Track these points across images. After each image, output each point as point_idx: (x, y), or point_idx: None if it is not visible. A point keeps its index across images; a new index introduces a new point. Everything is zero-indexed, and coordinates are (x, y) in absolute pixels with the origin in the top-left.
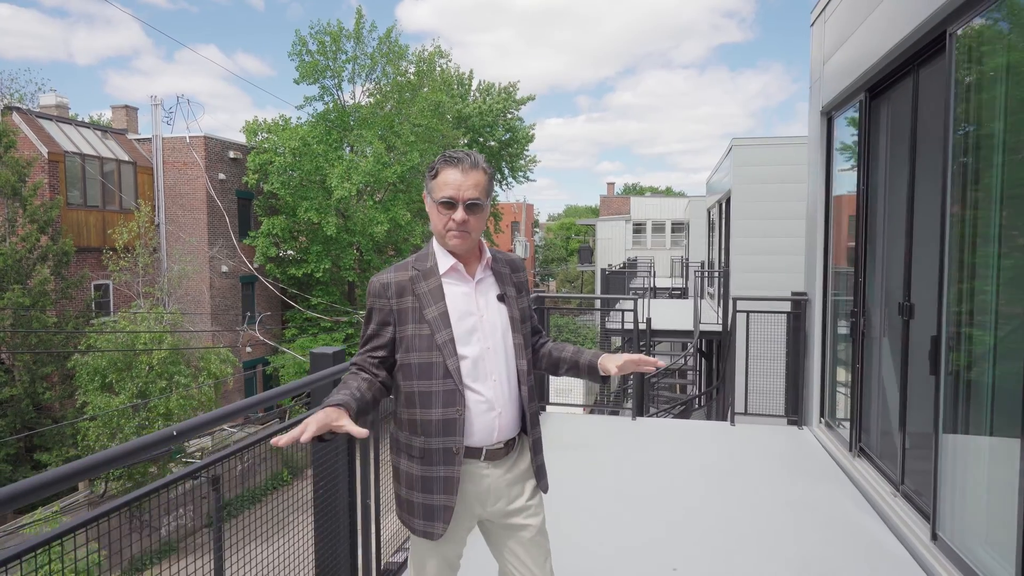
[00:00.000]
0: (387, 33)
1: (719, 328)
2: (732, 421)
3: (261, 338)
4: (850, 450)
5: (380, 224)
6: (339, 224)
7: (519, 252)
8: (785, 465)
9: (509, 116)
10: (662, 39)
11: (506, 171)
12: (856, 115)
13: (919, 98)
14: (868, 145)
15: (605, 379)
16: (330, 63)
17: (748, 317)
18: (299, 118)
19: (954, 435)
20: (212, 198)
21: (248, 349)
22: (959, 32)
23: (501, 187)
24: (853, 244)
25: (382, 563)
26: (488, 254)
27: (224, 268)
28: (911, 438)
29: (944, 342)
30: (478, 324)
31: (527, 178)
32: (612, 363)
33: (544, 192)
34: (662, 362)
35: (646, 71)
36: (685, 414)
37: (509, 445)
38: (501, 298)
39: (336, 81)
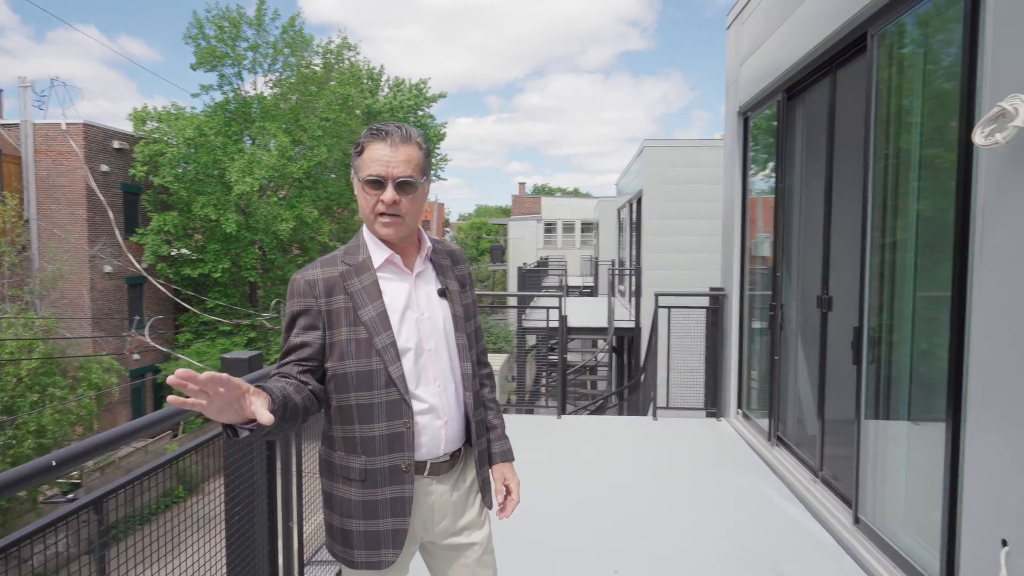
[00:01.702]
0: (291, 22)
1: (631, 324)
2: (654, 415)
3: (152, 344)
4: (768, 440)
5: (285, 221)
6: (240, 221)
7: None
8: (708, 457)
9: (420, 113)
10: (569, 43)
11: None
12: (751, 120)
13: (836, 98)
14: (785, 144)
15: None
16: (229, 50)
17: (669, 313)
18: (194, 108)
19: (875, 421)
20: (93, 191)
21: (136, 356)
22: (880, 33)
23: None
24: (754, 241)
25: None
26: (428, 243)
27: (107, 268)
28: (828, 426)
29: (866, 332)
30: (419, 323)
31: (438, 177)
32: (499, 482)
33: (454, 191)
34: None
35: (554, 74)
36: (600, 410)
37: (455, 457)
38: (443, 293)
39: (236, 70)
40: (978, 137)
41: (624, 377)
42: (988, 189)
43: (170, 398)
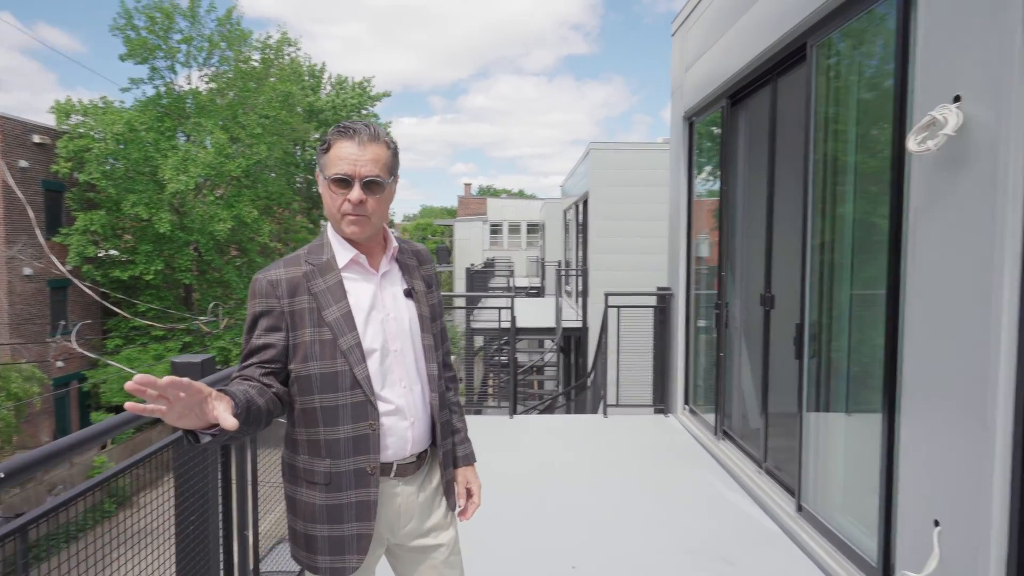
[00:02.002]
0: (227, 14)
1: (579, 324)
2: (605, 413)
3: (79, 350)
4: (715, 434)
5: (223, 221)
6: (173, 221)
7: None
8: (658, 452)
9: (364, 112)
10: (513, 45)
11: None
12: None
13: (778, 105)
14: (729, 149)
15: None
16: (162, 42)
17: (619, 312)
18: (123, 101)
19: (816, 414)
20: (10, 189)
21: (60, 364)
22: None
23: None
24: (711, 242)
25: None
26: (394, 243)
27: (27, 271)
28: (772, 419)
29: (807, 329)
30: (385, 324)
31: None
32: (462, 485)
33: (399, 192)
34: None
35: (498, 75)
36: (548, 410)
37: (421, 459)
38: (408, 293)
39: (169, 63)
40: (912, 144)
41: (572, 377)
42: (920, 193)
43: (128, 404)
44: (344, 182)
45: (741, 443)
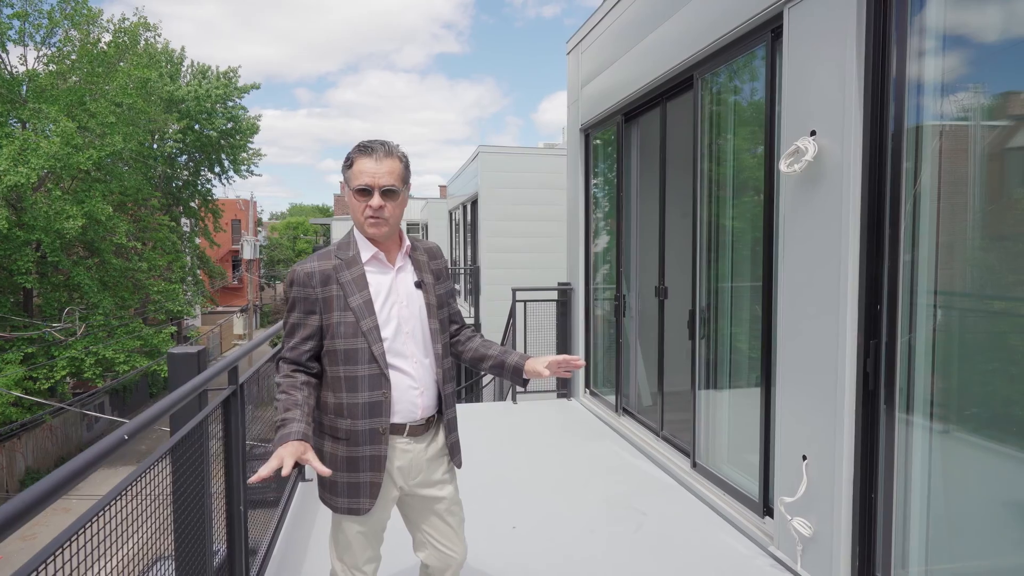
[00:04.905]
0: None
1: (471, 322)
2: (514, 399)
3: None
4: (616, 411)
5: (72, 219)
6: (10, 218)
7: (247, 252)
8: (567, 430)
9: (230, 104)
10: (385, 40)
11: (227, 164)
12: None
13: (667, 124)
14: (624, 159)
15: (526, 382)
16: None
17: (525, 306)
18: None
19: (707, 388)
20: None
21: None
22: (704, 76)
23: (221, 181)
24: (606, 240)
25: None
26: (407, 242)
27: None
28: (667, 395)
29: (698, 315)
30: (399, 309)
31: (251, 172)
32: (540, 365)
33: (264, 188)
34: (582, 361)
35: (369, 70)
36: None
37: (429, 422)
38: (419, 285)
39: None
40: (782, 166)
41: (462, 374)
42: (787, 203)
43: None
44: (366, 192)
45: (640, 417)
